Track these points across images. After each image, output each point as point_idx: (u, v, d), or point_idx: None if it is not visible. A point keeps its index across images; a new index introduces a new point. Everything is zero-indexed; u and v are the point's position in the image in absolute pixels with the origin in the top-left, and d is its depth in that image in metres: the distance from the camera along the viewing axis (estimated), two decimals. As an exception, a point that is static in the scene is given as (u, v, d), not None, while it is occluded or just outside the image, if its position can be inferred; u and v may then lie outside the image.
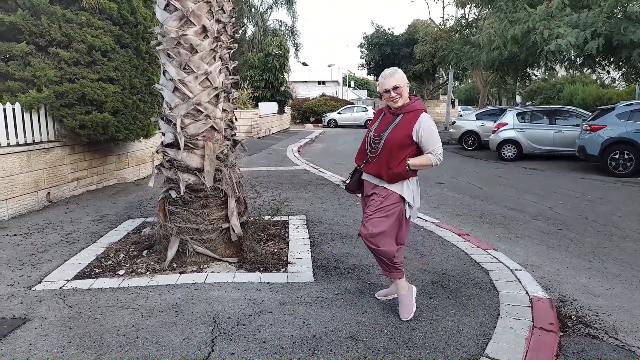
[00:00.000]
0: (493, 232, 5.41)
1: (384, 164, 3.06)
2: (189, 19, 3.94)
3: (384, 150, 3.06)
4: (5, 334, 2.89)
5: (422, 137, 3.02)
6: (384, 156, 3.06)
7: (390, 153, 3.03)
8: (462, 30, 19.21)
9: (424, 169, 3.13)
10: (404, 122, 3.06)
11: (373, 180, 3.19)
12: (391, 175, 3.04)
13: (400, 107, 3.08)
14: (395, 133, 3.05)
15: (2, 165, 5.81)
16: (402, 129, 3.04)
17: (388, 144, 3.05)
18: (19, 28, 6.22)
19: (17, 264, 4.21)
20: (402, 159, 3.02)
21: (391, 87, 3.04)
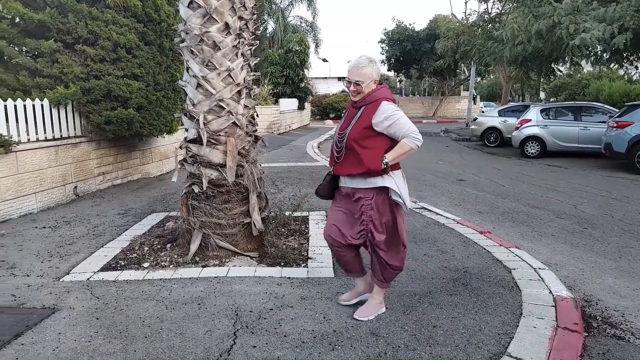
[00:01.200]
0: (516, 230, 5.34)
1: (355, 163, 2.83)
2: (212, 16, 3.98)
3: (348, 148, 2.84)
4: (36, 323, 2.99)
5: (387, 126, 2.79)
6: (350, 154, 2.85)
7: (356, 150, 2.81)
8: (484, 25, 18.90)
9: (406, 157, 2.89)
10: (365, 115, 2.84)
11: (350, 183, 2.93)
12: (364, 171, 2.81)
13: (362, 99, 2.88)
14: (357, 127, 2.84)
15: (31, 160, 5.98)
16: (362, 122, 2.83)
17: (350, 140, 2.83)
18: (47, 26, 6.37)
19: (46, 255, 4.33)
20: (374, 154, 2.79)
21: (353, 81, 2.84)
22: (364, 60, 2.87)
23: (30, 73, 6.47)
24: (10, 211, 5.68)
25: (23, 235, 4.96)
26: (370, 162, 2.79)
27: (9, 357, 2.61)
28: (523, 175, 9.59)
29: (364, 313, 3.07)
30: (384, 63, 37.42)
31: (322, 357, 2.61)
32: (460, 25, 21.22)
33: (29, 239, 4.83)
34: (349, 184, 2.95)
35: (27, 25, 6.38)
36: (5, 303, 3.30)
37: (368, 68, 2.84)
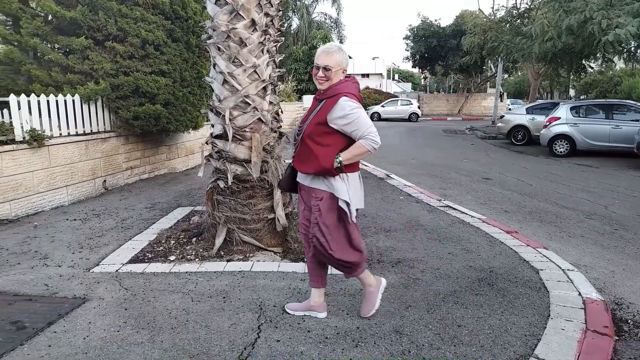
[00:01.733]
0: (543, 230, 5.23)
1: (306, 159, 2.68)
2: (239, 12, 4.01)
3: (303, 142, 2.69)
4: (67, 312, 3.08)
5: (343, 125, 2.59)
6: (304, 150, 2.68)
7: (310, 146, 2.65)
8: (513, 20, 18.51)
9: (361, 158, 2.76)
10: (323, 109, 2.66)
11: (303, 180, 2.81)
12: (316, 169, 2.64)
13: (324, 92, 2.70)
14: (313, 122, 2.68)
15: (63, 154, 6.16)
16: (318, 118, 2.66)
17: (307, 135, 2.67)
18: (79, 23, 6.53)
19: (76, 247, 4.46)
20: (329, 152, 2.61)
21: (322, 65, 2.64)
22: (334, 46, 2.74)
23: (62, 69, 6.65)
24: (43, 203, 5.86)
25: (55, 227, 5.12)
26: (323, 160, 2.60)
27: (42, 344, 2.70)
28: (551, 175, 9.38)
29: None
30: (408, 60, 37.11)
31: (345, 353, 2.62)
32: (487, 21, 20.86)
33: (61, 231, 4.97)
34: (302, 180, 2.84)
35: (60, 23, 6.55)
36: (39, 292, 3.41)
37: (338, 54, 2.67)
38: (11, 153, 5.40)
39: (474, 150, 13.97)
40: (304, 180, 2.82)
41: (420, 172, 9.41)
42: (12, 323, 2.93)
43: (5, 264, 3.99)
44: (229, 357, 2.57)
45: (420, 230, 5.00)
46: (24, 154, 5.58)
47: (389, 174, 8.72)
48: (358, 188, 2.78)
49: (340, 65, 2.67)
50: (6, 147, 5.35)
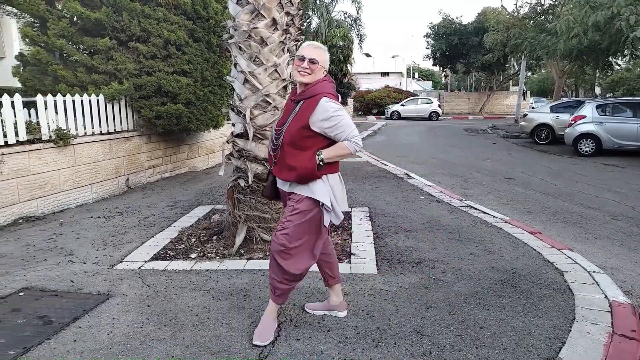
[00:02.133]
0: (568, 232, 5.12)
1: (287, 165, 2.55)
2: (260, 12, 4.03)
3: (285, 147, 2.55)
4: (92, 308, 3.14)
5: (327, 127, 2.50)
6: (288, 154, 2.55)
7: (291, 150, 2.53)
8: (537, 17, 18.15)
9: (342, 159, 2.65)
10: (302, 111, 2.54)
11: (283, 185, 2.71)
12: (300, 175, 2.53)
13: (302, 92, 2.59)
14: (293, 125, 2.54)
15: (88, 153, 6.29)
16: (299, 120, 2.54)
17: (288, 139, 2.54)
18: (103, 24, 6.65)
19: (100, 244, 4.55)
20: (308, 155, 2.51)
21: (308, 57, 2.52)
22: (321, 44, 2.67)
23: (87, 70, 6.78)
24: (68, 201, 5.99)
25: (80, 224, 5.23)
26: (306, 164, 2.50)
27: (68, 338, 2.76)
28: (576, 174, 9.17)
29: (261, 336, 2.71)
30: (428, 58, 36.75)
31: (365, 353, 2.60)
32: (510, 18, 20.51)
33: (85, 228, 5.08)
34: (281, 186, 2.73)
35: (85, 24, 6.68)
36: (64, 288, 3.49)
37: (324, 52, 2.61)
38: (38, 152, 5.54)
39: (496, 149, 13.76)
40: (282, 186, 2.71)
41: (441, 171, 9.32)
42: (39, 318, 3.01)
43: (33, 260, 4.09)
44: (250, 355, 2.59)
45: (441, 230, 4.95)
46: (51, 152, 5.71)
47: (409, 173, 8.65)
48: (341, 189, 2.70)
49: (324, 62, 2.60)
50: (33, 146, 5.49)
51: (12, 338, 2.76)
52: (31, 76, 6.89)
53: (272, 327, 2.79)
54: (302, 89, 2.61)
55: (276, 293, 2.74)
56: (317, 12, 27.19)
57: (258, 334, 2.73)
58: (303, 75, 2.54)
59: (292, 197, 2.63)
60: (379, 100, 32.90)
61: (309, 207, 2.58)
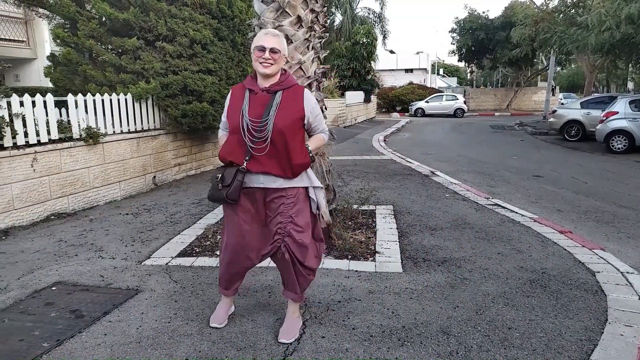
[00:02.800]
0: (600, 231, 4.97)
1: (285, 158, 2.46)
2: (285, 9, 4.03)
3: (276, 140, 2.43)
4: (121, 303, 3.21)
5: (312, 118, 2.56)
6: (280, 148, 2.45)
7: (286, 142, 2.44)
8: (567, 10, 17.65)
9: (318, 151, 2.68)
10: (288, 102, 2.48)
11: (272, 182, 2.52)
12: (297, 168, 2.50)
13: (277, 83, 2.52)
14: (284, 117, 2.44)
15: (116, 151, 6.43)
16: (290, 112, 2.47)
17: (278, 131, 2.42)
18: (131, 24, 6.78)
19: (129, 240, 4.64)
20: (301, 146, 2.52)
21: (269, 47, 2.43)
22: (278, 32, 2.59)
23: (115, 69, 6.93)
24: (98, 198, 6.14)
25: (109, 221, 5.35)
26: (300, 156, 2.49)
27: (99, 332, 2.83)
28: (608, 172, 8.90)
29: (289, 334, 2.71)
30: (454, 53, 36.21)
31: (390, 352, 2.59)
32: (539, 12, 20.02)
33: (114, 225, 5.20)
34: (268, 183, 2.53)
35: (113, 25, 6.82)
36: (95, 283, 3.58)
37: (283, 40, 2.52)
38: (69, 150, 5.69)
39: (524, 146, 13.48)
40: (273, 183, 2.53)
41: (467, 169, 9.18)
42: (71, 311, 3.09)
43: (65, 255, 4.21)
44: (275, 351, 2.60)
45: (468, 229, 4.87)
46: (81, 150, 5.86)
47: (434, 171, 8.55)
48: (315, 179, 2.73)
49: (285, 50, 2.53)
50: (65, 144, 5.64)
51: (46, 331, 2.84)
52: (62, 76, 7.08)
53: (297, 325, 2.81)
54: (267, 79, 2.51)
55: (302, 291, 2.76)
56: (340, 9, 27.12)
57: (284, 332, 2.74)
58: (266, 66, 2.45)
59: (288, 194, 2.54)
60: (402, 97, 32.58)
61: (306, 197, 2.61)
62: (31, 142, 5.24)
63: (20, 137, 5.12)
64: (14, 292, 3.41)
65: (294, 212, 2.55)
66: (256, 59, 2.47)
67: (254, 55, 2.49)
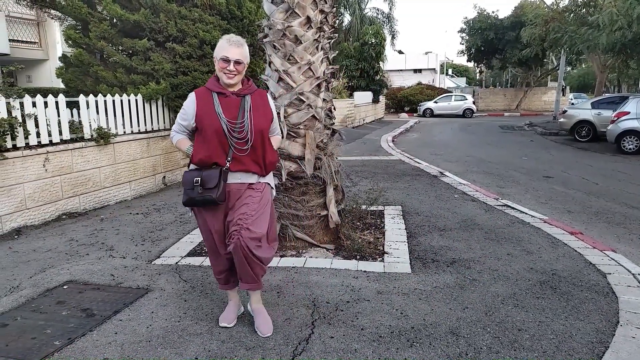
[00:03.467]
0: (611, 232, 4.92)
1: (260, 156, 2.65)
2: (295, 10, 4.04)
3: (256, 140, 2.60)
4: (132, 302, 3.24)
5: (275, 121, 2.82)
6: (257, 147, 2.62)
7: (264, 142, 2.65)
8: (577, 10, 17.51)
9: None
10: (258, 105, 2.66)
11: (248, 178, 2.67)
12: (270, 166, 2.72)
13: (245, 87, 2.67)
14: (261, 118, 2.63)
15: (127, 151, 6.48)
16: (264, 114, 2.66)
17: (259, 132, 2.60)
18: (141, 26, 6.84)
19: (139, 239, 4.68)
20: (272, 146, 2.75)
21: (233, 59, 2.52)
22: (240, 38, 2.61)
23: (126, 70, 6.99)
24: (109, 198, 6.20)
25: (119, 220, 5.40)
26: (274, 154, 2.76)
27: (110, 331, 2.86)
28: (619, 173, 8.81)
29: (265, 327, 2.78)
30: (463, 53, 36.03)
31: (399, 353, 2.58)
32: (549, 11, 19.87)
33: (125, 224, 5.24)
34: (245, 179, 2.67)
35: (124, 26, 6.89)
36: (105, 282, 3.62)
37: (246, 48, 2.60)
38: (80, 150, 5.75)
39: (534, 147, 13.38)
40: (249, 179, 2.67)
41: (476, 169, 9.13)
42: (82, 310, 3.13)
43: (76, 255, 4.26)
44: (284, 351, 2.61)
45: (477, 229, 4.85)
46: (92, 151, 5.92)
47: (443, 171, 8.51)
48: None
49: (247, 59, 2.62)
50: (76, 145, 5.70)
51: (57, 329, 2.88)
52: (74, 77, 7.16)
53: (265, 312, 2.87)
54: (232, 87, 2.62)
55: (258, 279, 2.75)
56: (349, 10, 27.11)
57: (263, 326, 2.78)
58: (230, 77, 2.56)
59: (256, 187, 2.68)
60: (411, 97, 32.49)
61: (269, 193, 2.77)
62: (43, 142, 5.31)
63: (33, 137, 5.18)
64: (26, 291, 3.46)
65: (258, 205, 2.63)
66: (220, 69, 2.56)
67: (218, 64, 2.57)
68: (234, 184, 2.63)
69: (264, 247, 2.65)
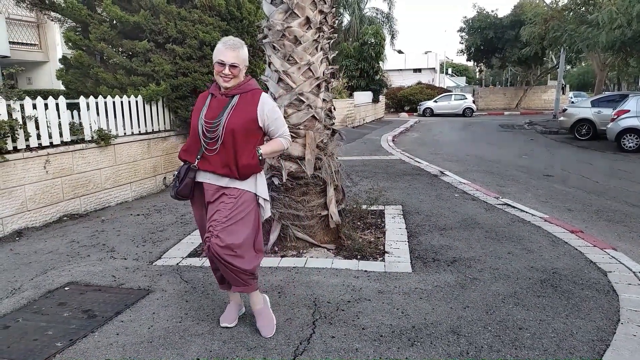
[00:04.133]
0: (612, 230, 4.93)
1: (231, 158, 2.53)
2: (294, 11, 4.05)
3: (227, 140, 2.52)
4: (133, 303, 3.25)
5: (268, 121, 2.61)
6: (228, 148, 2.53)
7: (235, 143, 2.52)
8: (577, 8, 17.52)
9: (275, 155, 2.73)
10: (243, 105, 2.57)
11: (217, 181, 2.59)
12: (243, 169, 2.55)
13: (235, 87, 2.60)
14: (236, 118, 2.53)
15: (127, 152, 6.49)
16: (243, 113, 2.55)
17: (230, 131, 2.51)
18: (141, 27, 6.84)
19: (140, 240, 4.69)
20: (251, 148, 2.58)
21: (229, 63, 2.50)
22: (238, 41, 2.58)
23: (126, 72, 6.99)
24: (109, 199, 6.21)
25: (120, 222, 5.41)
26: (249, 158, 2.56)
27: (111, 332, 2.87)
28: (620, 171, 8.81)
29: (267, 329, 2.78)
30: (462, 53, 36.05)
31: (400, 352, 2.59)
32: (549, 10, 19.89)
33: (126, 225, 5.25)
34: (215, 181, 2.60)
35: (124, 27, 6.89)
36: (107, 283, 3.62)
37: (243, 50, 2.57)
38: (81, 152, 5.76)
39: (534, 145, 13.39)
40: (217, 181, 2.60)
41: (476, 168, 9.14)
42: (84, 311, 3.13)
43: (77, 256, 4.26)
44: (285, 351, 2.62)
45: (477, 228, 4.86)
46: (93, 152, 5.93)
47: (443, 170, 8.52)
48: (266, 184, 2.79)
49: (245, 62, 2.59)
50: (77, 146, 5.71)
51: (59, 330, 2.88)
52: (74, 79, 7.17)
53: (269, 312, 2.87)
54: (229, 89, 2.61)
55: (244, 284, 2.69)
56: (348, 10, 27.14)
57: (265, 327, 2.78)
58: (226, 81, 2.55)
59: (230, 193, 2.58)
60: (411, 97, 32.50)
61: (250, 201, 2.62)
62: (44, 144, 5.31)
63: (33, 139, 5.19)
64: (28, 293, 3.47)
65: (230, 212, 2.54)
66: (217, 72, 2.56)
67: (215, 68, 2.57)
68: (205, 184, 2.64)
69: (246, 257, 2.59)
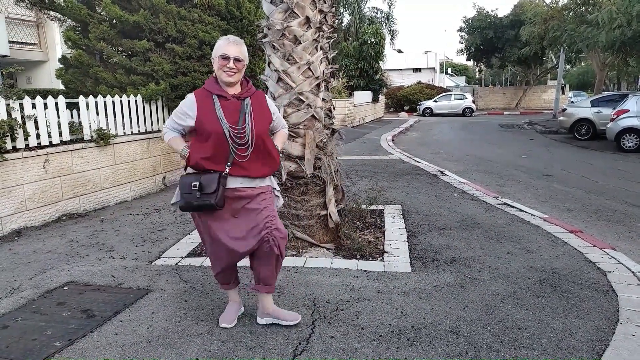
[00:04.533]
0: (611, 230, 4.93)
1: (267, 160, 2.64)
2: (294, 10, 4.04)
3: (258, 144, 2.57)
4: (132, 302, 3.25)
5: (276, 119, 2.80)
6: (261, 151, 2.59)
7: (265, 145, 2.62)
8: (577, 8, 17.52)
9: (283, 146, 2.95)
10: (258, 108, 2.63)
11: (251, 182, 2.62)
12: (276, 167, 2.72)
13: (245, 90, 2.63)
14: (260, 123, 2.60)
15: (127, 152, 6.48)
16: (262, 117, 2.64)
17: (259, 137, 2.56)
18: (141, 26, 6.83)
19: (139, 240, 4.69)
20: (274, 147, 2.72)
21: (234, 57, 2.50)
22: (239, 38, 2.61)
23: (125, 71, 6.99)
24: (109, 199, 6.20)
25: (120, 221, 5.40)
26: (277, 156, 2.72)
27: (110, 332, 2.86)
28: (619, 171, 8.82)
29: (295, 315, 2.91)
30: (462, 52, 36.05)
31: (400, 352, 2.59)
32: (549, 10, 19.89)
33: (125, 225, 5.25)
34: (248, 184, 2.62)
35: (124, 27, 6.88)
36: (106, 282, 3.62)
37: (244, 47, 2.60)
38: (80, 151, 5.76)
39: (533, 145, 13.39)
40: (251, 183, 2.63)
41: (476, 168, 9.14)
42: (83, 311, 3.13)
43: (76, 256, 4.26)
44: (284, 351, 2.62)
45: (477, 228, 4.86)
46: (92, 152, 5.92)
47: (443, 170, 8.52)
48: None
49: (246, 59, 2.60)
50: (76, 146, 5.70)
51: (58, 330, 2.88)
52: (73, 78, 7.16)
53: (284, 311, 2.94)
54: (230, 86, 2.59)
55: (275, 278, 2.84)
56: (348, 9, 27.13)
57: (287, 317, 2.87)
58: (231, 75, 2.53)
59: (265, 190, 2.69)
60: (411, 96, 32.49)
61: (272, 194, 2.77)
62: (43, 143, 5.31)
63: (33, 138, 5.19)
64: (27, 292, 3.46)
65: (272, 207, 2.71)
66: (219, 67, 2.53)
67: (217, 63, 2.54)
68: (236, 189, 2.59)
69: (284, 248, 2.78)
